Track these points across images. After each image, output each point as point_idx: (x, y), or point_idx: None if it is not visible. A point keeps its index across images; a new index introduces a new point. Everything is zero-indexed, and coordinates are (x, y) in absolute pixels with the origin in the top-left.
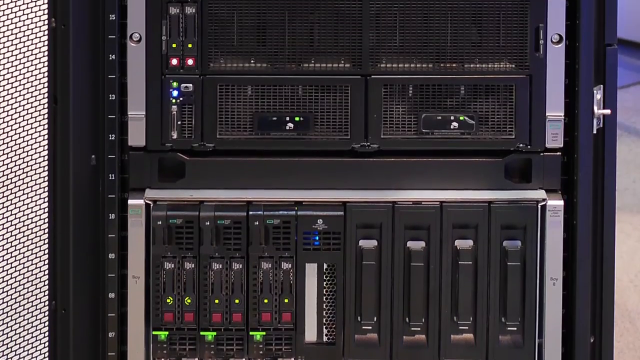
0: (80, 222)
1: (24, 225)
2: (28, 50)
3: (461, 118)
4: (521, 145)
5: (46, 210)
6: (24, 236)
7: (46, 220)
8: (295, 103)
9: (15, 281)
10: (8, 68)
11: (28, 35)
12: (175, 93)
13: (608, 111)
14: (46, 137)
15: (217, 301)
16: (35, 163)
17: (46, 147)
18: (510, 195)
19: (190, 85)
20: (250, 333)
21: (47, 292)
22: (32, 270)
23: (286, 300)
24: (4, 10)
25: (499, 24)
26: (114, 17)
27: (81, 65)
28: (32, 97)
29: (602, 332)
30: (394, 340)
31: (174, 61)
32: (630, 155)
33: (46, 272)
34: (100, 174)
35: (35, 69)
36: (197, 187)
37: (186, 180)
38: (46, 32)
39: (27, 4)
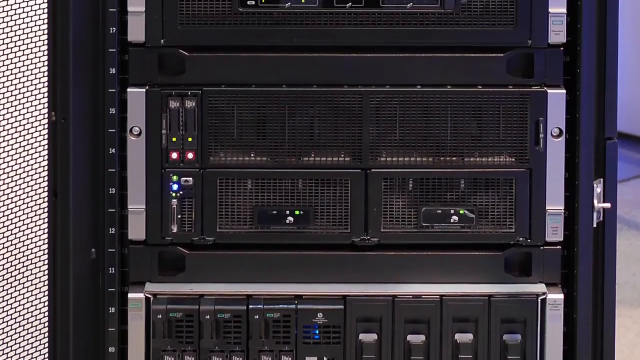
0: (80, 315)
1: (24, 319)
2: (28, 144)
3: (461, 212)
4: (521, 238)
5: (46, 304)
6: (24, 329)
7: (46, 314)
8: (295, 197)
9: None
10: (8, 162)
11: (28, 129)
12: (175, 187)
13: (608, 205)
14: (46, 230)
15: None
16: (35, 257)
17: (46, 241)
18: (510, 289)
19: (190, 178)
20: None
21: None
22: None
23: None
24: (4, 104)
25: (498, 117)
26: (113, 110)
27: (81, 158)
28: (32, 190)
29: None
30: None
31: (174, 155)
32: (630, 248)
33: None
34: (100, 267)
35: (36, 162)
36: (197, 280)
37: (186, 274)
38: (46, 126)
39: (27, 97)
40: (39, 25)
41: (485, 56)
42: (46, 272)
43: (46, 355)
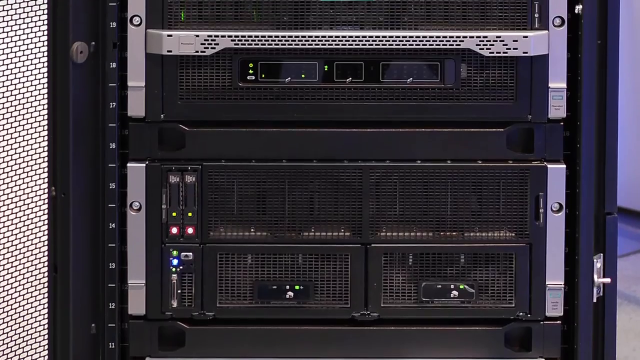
0: None
1: None
2: (28, 219)
3: (461, 287)
4: (521, 313)
5: None
6: None
7: None
8: (295, 272)
9: None
10: (8, 237)
11: (28, 204)
12: (175, 262)
13: (608, 280)
14: (46, 305)
15: None
16: (36, 332)
17: (46, 316)
18: None
19: (190, 253)
20: None
21: None
22: None
23: None
24: (4, 179)
25: (498, 192)
26: (113, 185)
27: (81, 233)
28: (32, 265)
29: None
30: None
31: (174, 230)
32: (630, 323)
33: None
34: (100, 342)
35: (36, 237)
36: (197, 355)
37: (186, 349)
38: (46, 201)
39: (27, 172)
40: (39, 100)
41: (485, 131)
42: (46, 347)
43: None
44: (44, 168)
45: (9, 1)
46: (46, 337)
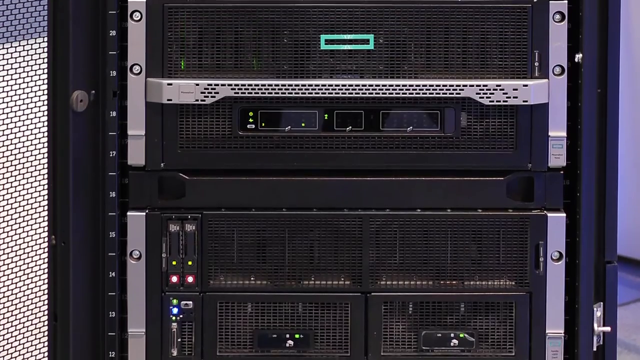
0: None
1: None
2: (28, 268)
3: (461, 335)
4: None
5: None
6: None
7: None
8: (295, 320)
9: None
10: (8, 285)
11: (28, 253)
12: (175, 310)
13: (608, 329)
14: (46, 354)
15: None
16: None
17: None
18: None
19: (191, 302)
20: None
21: None
22: None
23: None
24: (4, 227)
25: (498, 241)
26: (113, 234)
27: (81, 282)
28: (32, 314)
29: None
30: None
31: (174, 278)
32: None
33: None
34: None
35: (35, 286)
36: None
37: None
38: (46, 250)
39: (27, 221)
40: (39, 149)
41: (485, 180)
42: None
43: None
44: (43, 217)
45: (10, 50)
46: None
